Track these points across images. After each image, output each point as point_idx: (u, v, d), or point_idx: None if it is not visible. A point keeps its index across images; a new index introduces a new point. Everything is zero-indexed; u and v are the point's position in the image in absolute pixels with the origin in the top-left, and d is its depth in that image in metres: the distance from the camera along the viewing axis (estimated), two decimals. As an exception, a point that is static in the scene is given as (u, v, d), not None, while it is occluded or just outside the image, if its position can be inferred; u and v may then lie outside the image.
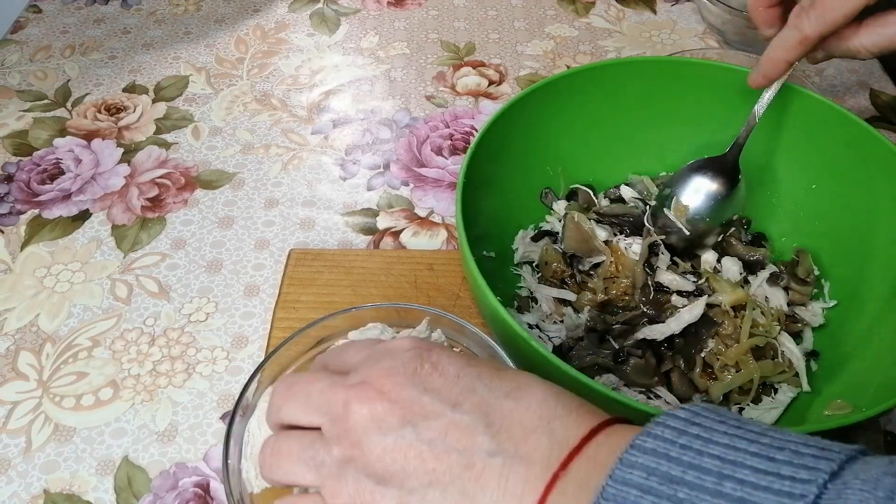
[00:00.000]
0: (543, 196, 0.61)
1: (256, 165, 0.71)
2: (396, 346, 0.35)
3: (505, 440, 0.30)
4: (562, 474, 0.29)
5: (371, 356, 0.35)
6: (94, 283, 0.61)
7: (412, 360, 0.33)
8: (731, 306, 0.51)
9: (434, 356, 0.34)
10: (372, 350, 0.36)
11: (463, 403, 0.32)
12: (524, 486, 0.29)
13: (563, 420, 0.31)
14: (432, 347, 0.34)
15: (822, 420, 0.47)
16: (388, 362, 0.34)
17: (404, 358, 0.34)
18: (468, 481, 0.30)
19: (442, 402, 0.32)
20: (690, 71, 0.59)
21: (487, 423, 0.31)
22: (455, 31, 0.87)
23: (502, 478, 0.30)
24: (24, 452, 0.52)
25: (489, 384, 0.33)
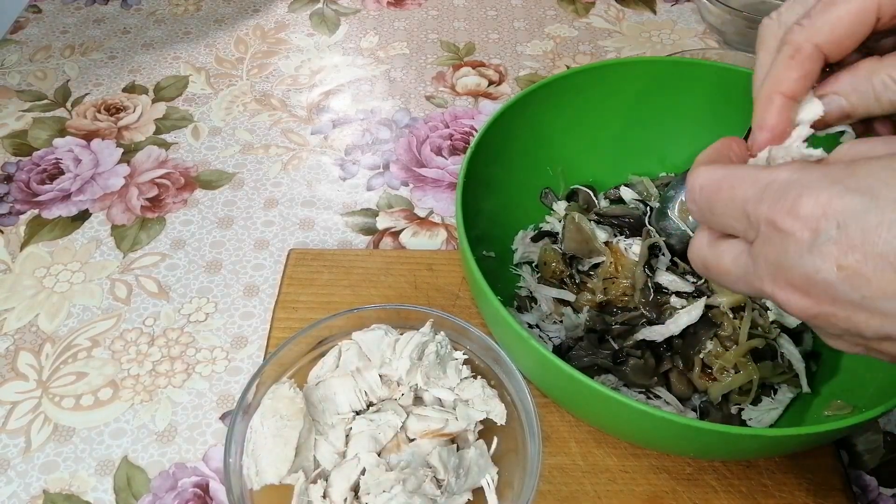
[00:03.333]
0: (543, 196, 0.61)
1: (256, 165, 0.71)
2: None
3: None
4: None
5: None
6: (94, 284, 0.61)
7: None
8: (730, 308, 0.51)
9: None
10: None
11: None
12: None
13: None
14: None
15: (823, 420, 0.47)
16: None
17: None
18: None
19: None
20: (690, 71, 0.59)
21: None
22: (455, 31, 0.87)
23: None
24: (23, 452, 0.51)
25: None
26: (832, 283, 0.27)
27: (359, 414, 0.46)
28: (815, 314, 0.29)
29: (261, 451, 0.43)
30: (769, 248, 0.29)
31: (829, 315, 0.29)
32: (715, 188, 0.31)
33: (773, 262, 0.29)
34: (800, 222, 0.28)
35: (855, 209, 0.27)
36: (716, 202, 0.31)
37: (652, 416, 0.39)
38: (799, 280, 0.28)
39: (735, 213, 0.30)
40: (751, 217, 0.30)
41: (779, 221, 0.28)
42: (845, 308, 0.28)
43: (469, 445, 0.45)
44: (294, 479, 0.43)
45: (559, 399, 0.47)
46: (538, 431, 0.43)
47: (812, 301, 0.29)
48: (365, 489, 0.42)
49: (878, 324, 0.27)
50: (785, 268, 0.29)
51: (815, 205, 0.27)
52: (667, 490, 0.48)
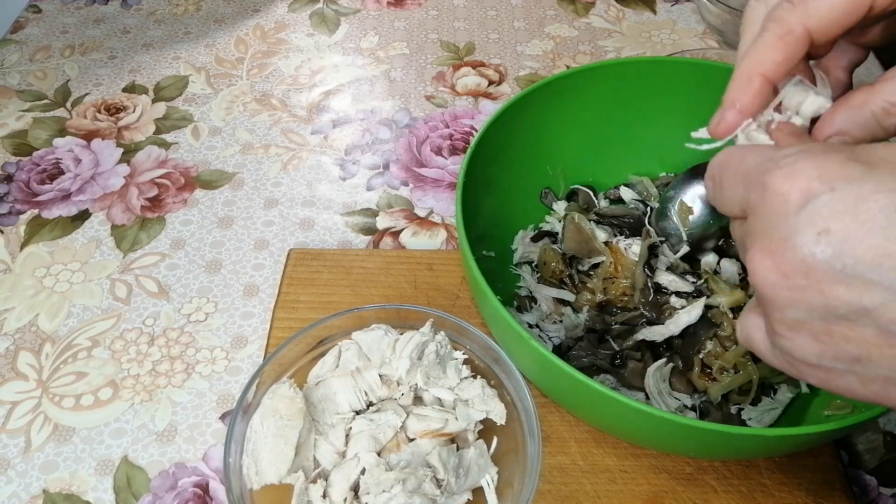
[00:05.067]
0: (543, 196, 0.61)
1: (256, 165, 0.71)
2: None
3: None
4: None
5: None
6: (94, 283, 0.61)
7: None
8: (729, 308, 0.51)
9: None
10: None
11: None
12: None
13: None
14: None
15: (823, 420, 0.47)
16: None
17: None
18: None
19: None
20: (690, 71, 0.59)
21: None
22: (455, 31, 0.87)
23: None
24: (23, 452, 0.52)
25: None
26: (812, 250, 0.26)
27: (359, 414, 0.46)
28: (782, 288, 0.27)
29: (261, 450, 0.43)
30: (758, 214, 0.28)
31: (796, 288, 0.26)
32: (728, 160, 0.31)
33: (757, 227, 0.28)
34: (791, 183, 0.26)
35: (852, 175, 0.25)
36: (725, 172, 0.31)
37: (651, 415, 0.39)
38: (776, 244, 0.27)
39: (738, 183, 0.30)
40: (749, 184, 0.29)
41: (772, 183, 0.27)
42: (819, 281, 0.26)
43: (469, 445, 0.45)
44: (294, 478, 0.43)
45: (559, 399, 0.47)
46: (538, 431, 0.43)
47: (783, 271, 0.27)
48: (365, 489, 0.42)
49: (857, 296, 0.25)
50: (764, 232, 0.27)
51: (812, 168, 0.26)
52: (667, 490, 0.48)
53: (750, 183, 0.29)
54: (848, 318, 0.26)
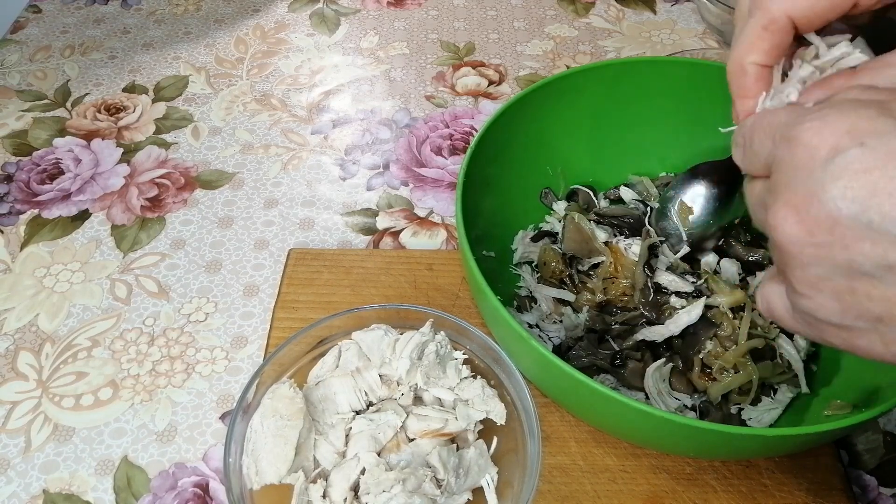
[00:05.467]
0: (543, 196, 0.61)
1: (256, 165, 0.71)
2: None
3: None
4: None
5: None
6: (94, 283, 0.61)
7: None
8: (729, 308, 0.51)
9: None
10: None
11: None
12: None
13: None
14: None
15: (823, 420, 0.47)
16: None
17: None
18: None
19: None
20: (690, 71, 0.59)
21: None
22: (455, 31, 0.87)
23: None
24: (23, 452, 0.51)
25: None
26: (838, 205, 0.25)
27: (359, 414, 0.46)
28: (805, 244, 0.26)
29: (261, 450, 0.43)
30: (783, 170, 0.27)
31: (821, 245, 0.26)
32: (759, 120, 0.31)
33: (781, 182, 0.27)
34: (820, 137, 0.26)
35: (883, 130, 0.25)
36: (757, 128, 0.30)
37: (651, 415, 0.39)
38: (801, 199, 0.26)
39: (767, 137, 0.29)
40: (778, 139, 0.28)
41: (801, 136, 0.26)
42: (844, 236, 0.25)
43: (469, 445, 0.45)
44: (294, 478, 0.43)
45: (559, 399, 0.47)
46: (538, 431, 0.43)
47: (807, 226, 0.26)
48: (365, 489, 0.42)
49: (883, 252, 0.24)
50: (789, 186, 0.27)
51: (842, 122, 0.26)
52: (667, 490, 0.48)
53: (779, 137, 0.28)
54: (872, 275, 0.25)
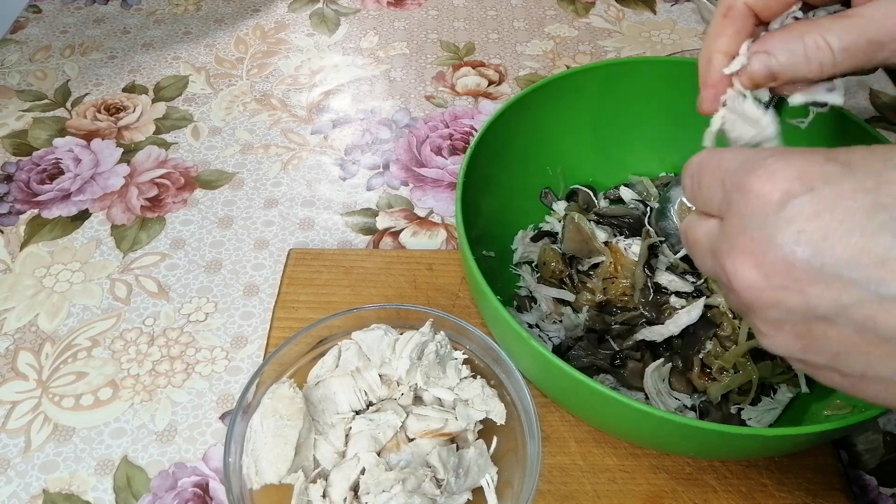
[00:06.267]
0: (543, 196, 0.61)
1: (256, 165, 0.71)
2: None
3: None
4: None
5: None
6: (94, 283, 0.61)
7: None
8: (729, 308, 0.51)
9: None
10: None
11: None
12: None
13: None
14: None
15: (822, 420, 0.47)
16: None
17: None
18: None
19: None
20: (690, 71, 0.58)
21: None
22: (455, 31, 0.87)
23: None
24: (23, 452, 0.52)
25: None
26: (792, 249, 0.26)
27: (359, 414, 0.46)
28: (763, 289, 0.27)
29: (260, 450, 0.43)
30: (734, 216, 0.28)
31: (778, 290, 0.26)
32: (706, 161, 0.31)
33: (736, 227, 0.28)
34: (771, 184, 0.27)
35: (831, 175, 0.26)
36: (703, 173, 0.31)
37: (651, 415, 0.39)
38: (757, 243, 0.27)
39: (715, 183, 0.30)
40: (726, 184, 0.29)
41: (750, 184, 0.27)
42: (800, 280, 0.26)
43: (469, 445, 0.45)
44: (294, 478, 0.43)
45: (559, 399, 0.47)
46: (538, 431, 0.43)
47: (764, 272, 0.27)
48: (365, 489, 0.42)
49: (836, 295, 0.25)
50: (744, 233, 0.27)
51: (790, 169, 0.26)
52: (666, 490, 0.48)
53: (729, 184, 0.29)
54: (827, 317, 0.26)
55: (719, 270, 0.30)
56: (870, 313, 0.25)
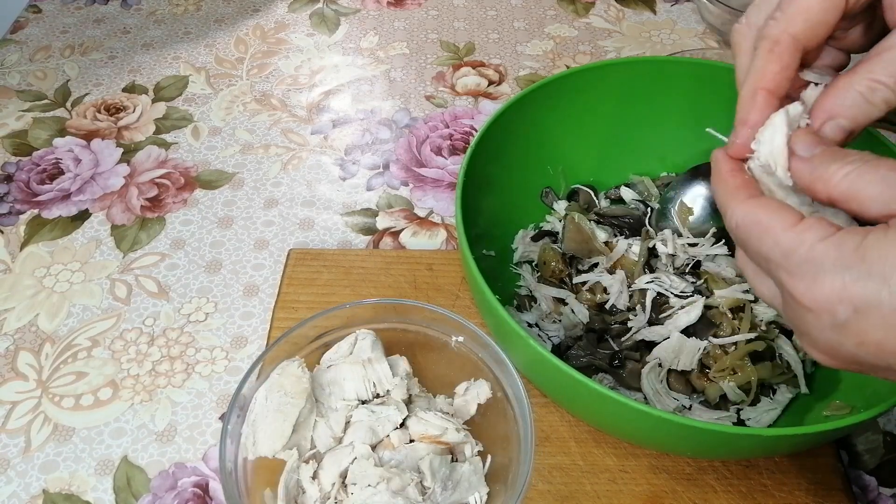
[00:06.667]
0: (544, 196, 0.61)
1: (256, 165, 0.71)
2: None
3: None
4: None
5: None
6: (94, 283, 0.61)
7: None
8: (729, 308, 0.51)
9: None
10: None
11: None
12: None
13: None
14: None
15: (822, 420, 0.47)
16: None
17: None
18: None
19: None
20: (690, 71, 0.59)
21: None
22: (455, 31, 0.87)
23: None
24: (23, 452, 0.52)
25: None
26: (856, 353, 0.30)
27: (363, 403, 0.46)
28: (837, 366, 0.32)
29: (260, 423, 0.43)
30: (793, 314, 0.32)
31: (853, 367, 0.32)
32: (745, 232, 0.33)
33: (800, 327, 0.32)
34: (817, 304, 0.30)
35: (869, 294, 0.29)
36: (747, 245, 0.33)
37: (649, 415, 0.39)
38: (824, 347, 0.31)
39: (762, 263, 0.33)
40: (773, 275, 0.32)
41: (798, 297, 0.31)
42: (871, 364, 0.31)
43: (465, 460, 0.45)
44: (288, 455, 0.43)
45: (558, 398, 0.47)
46: (532, 436, 0.42)
47: (839, 362, 0.32)
48: (352, 478, 0.42)
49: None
50: (810, 335, 0.31)
51: (831, 290, 0.29)
52: (666, 490, 0.48)
53: (776, 277, 0.32)
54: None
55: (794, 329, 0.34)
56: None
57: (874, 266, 0.28)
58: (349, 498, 0.42)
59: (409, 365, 0.49)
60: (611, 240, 0.57)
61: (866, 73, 0.33)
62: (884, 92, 0.33)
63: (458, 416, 0.47)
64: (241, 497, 0.41)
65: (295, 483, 0.43)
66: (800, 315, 0.31)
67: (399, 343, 0.49)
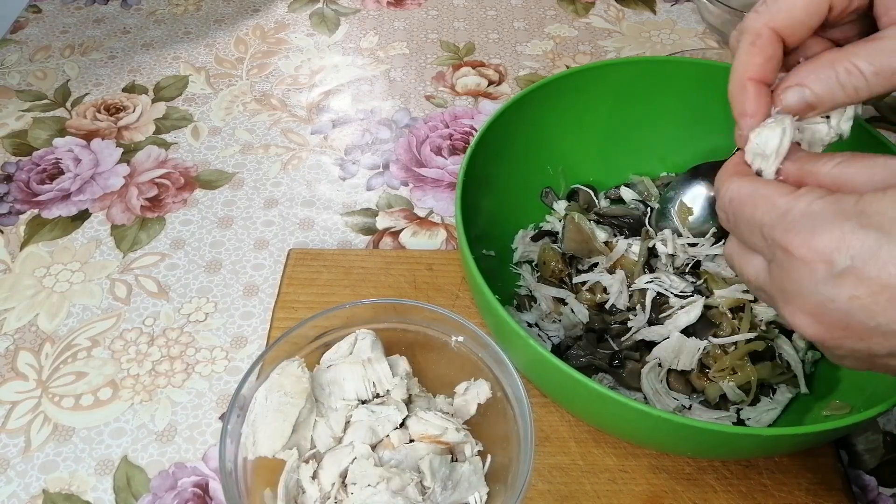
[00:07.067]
0: (544, 196, 0.61)
1: (256, 165, 0.71)
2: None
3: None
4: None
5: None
6: (94, 283, 0.61)
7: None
8: (728, 308, 0.51)
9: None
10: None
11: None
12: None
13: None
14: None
15: (822, 420, 0.47)
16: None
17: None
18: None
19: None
20: (690, 71, 0.59)
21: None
22: (455, 31, 0.87)
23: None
24: (23, 452, 0.52)
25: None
26: (847, 311, 0.29)
27: (363, 403, 0.46)
28: (826, 338, 0.31)
29: (260, 422, 0.43)
30: (784, 274, 0.31)
31: (840, 339, 0.30)
32: (739, 204, 0.33)
33: (788, 289, 0.31)
34: (814, 254, 0.29)
35: (868, 245, 0.28)
36: (739, 218, 0.33)
37: (649, 415, 0.39)
38: (813, 307, 0.30)
39: (755, 233, 0.32)
40: (767, 240, 0.31)
41: (794, 250, 0.30)
42: (858, 333, 0.29)
43: (465, 460, 0.45)
44: (288, 455, 0.43)
45: (558, 398, 0.47)
46: (531, 436, 0.42)
47: (825, 327, 0.30)
48: (352, 478, 0.42)
49: (893, 344, 0.29)
50: (800, 295, 0.30)
51: (829, 239, 0.29)
52: (666, 490, 0.48)
53: (770, 239, 0.31)
54: (890, 355, 0.30)
55: (777, 309, 0.33)
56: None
57: (873, 218, 0.28)
58: (349, 498, 0.42)
59: (409, 365, 0.49)
60: (611, 240, 0.57)
61: (851, 56, 0.33)
62: (858, 79, 0.33)
63: (458, 415, 0.47)
64: (241, 497, 0.41)
65: (295, 483, 0.43)
66: (790, 275, 0.31)
67: (399, 343, 0.49)
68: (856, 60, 0.33)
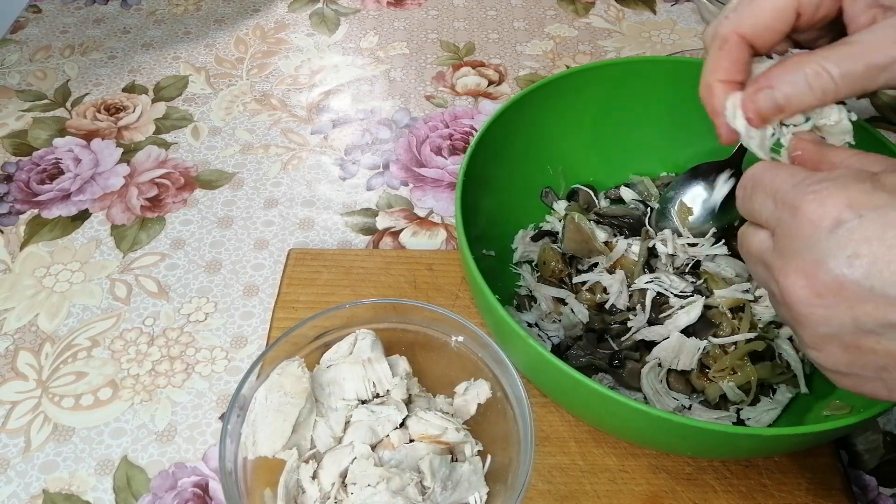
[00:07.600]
0: (544, 195, 0.61)
1: (256, 165, 0.71)
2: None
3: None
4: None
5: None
6: (94, 283, 0.61)
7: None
8: (728, 308, 0.51)
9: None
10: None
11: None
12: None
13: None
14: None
15: (822, 420, 0.47)
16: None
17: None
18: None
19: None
20: (690, 71, 0.59)
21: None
22: (455, 31, 0.87)
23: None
24: (23, 452, 0.52)
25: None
26: (844, 270, 0.28)
27: (363, 403, 0.46)
28: (814, 304, 0.30)
29: (260, 423, 0.43)
30: (787, 234, 0.31)
31: (829, 306, 0.29)
32: (760, 175, 0.34)
33: (788, 248, 0.31)
34: (823, 209, 0.29)
35: (878, 203, 0.28)
36: (757, 187, 0.33)
37: (649, 415, 0.39)
38: (809, 265, 0.29)
39: (767, 198, 0.32)
40: (777, 201, 0.32)
41: (805, 208, 0.30)
42: (850, 299, 0.28)
43: (465, 460, 0.45)
44: (288, 455, 0.43)
45: (558, 398, 0.47)
46: (531, 435, 0.42)
47: (815, 291, 0.29)
48: (352, 478, 0.42)
49: (884, 313, 0.28)
50: (798, 253, 0.30)
51: (841, 195, 0.29)
52: (666, 490, 0.48)
53: (781, 203, 0.31)
54: (875, 332, 0.29)
55: (772, 283, 0.32)
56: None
57: (886, 186, 0.28)
58: (349, 498, 0.42)
59: (408, 365, 0.49)
60: (611, 240, 0.57)
61: (821, 59, 0.34)
62: (826, 82, 0.34)
63: (458, 415, 0.47)
64: (240, 497, 0.41)
65: (295, 483, 0.43)
66: (793, 233, 0.30)
67: (399, 343, 0.49)
68: (824, 63, 0.34)
